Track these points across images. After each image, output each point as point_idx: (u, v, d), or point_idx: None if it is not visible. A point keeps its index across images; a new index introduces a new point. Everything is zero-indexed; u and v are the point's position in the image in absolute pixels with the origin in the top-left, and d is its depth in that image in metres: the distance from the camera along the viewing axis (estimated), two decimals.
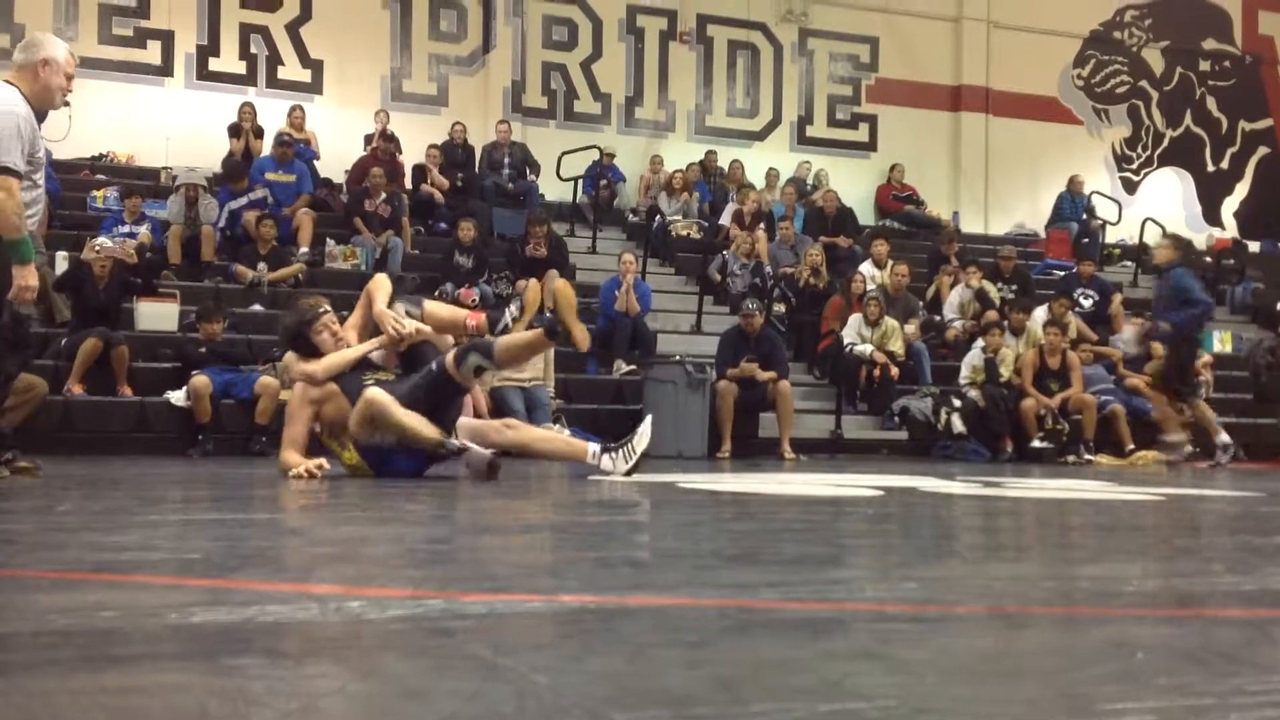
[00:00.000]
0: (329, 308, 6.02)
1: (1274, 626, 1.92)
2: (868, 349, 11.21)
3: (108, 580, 2.17)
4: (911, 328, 11.70)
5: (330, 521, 3.73)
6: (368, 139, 13.99)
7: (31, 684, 1.30)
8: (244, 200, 11.81)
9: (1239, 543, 3.34)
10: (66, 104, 5.42)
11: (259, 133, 13.60)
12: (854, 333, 11.36)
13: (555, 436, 6.15)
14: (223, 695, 1.24)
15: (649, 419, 5.99)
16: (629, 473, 5.64)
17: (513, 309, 6.32)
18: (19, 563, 2.43)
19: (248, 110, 13.67)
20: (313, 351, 5.84)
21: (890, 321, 11.33)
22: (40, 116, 5.22)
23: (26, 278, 5.08)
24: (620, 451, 5.70)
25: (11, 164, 4.95)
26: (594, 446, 5.78)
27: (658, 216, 14.27)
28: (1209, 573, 2.57)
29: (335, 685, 1.31)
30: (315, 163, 13.48)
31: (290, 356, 5.97)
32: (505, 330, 6.24)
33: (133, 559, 2.49)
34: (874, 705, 1.23)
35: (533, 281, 6.84)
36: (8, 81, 5.14)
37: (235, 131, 13.52)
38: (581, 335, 5.93)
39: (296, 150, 12.99)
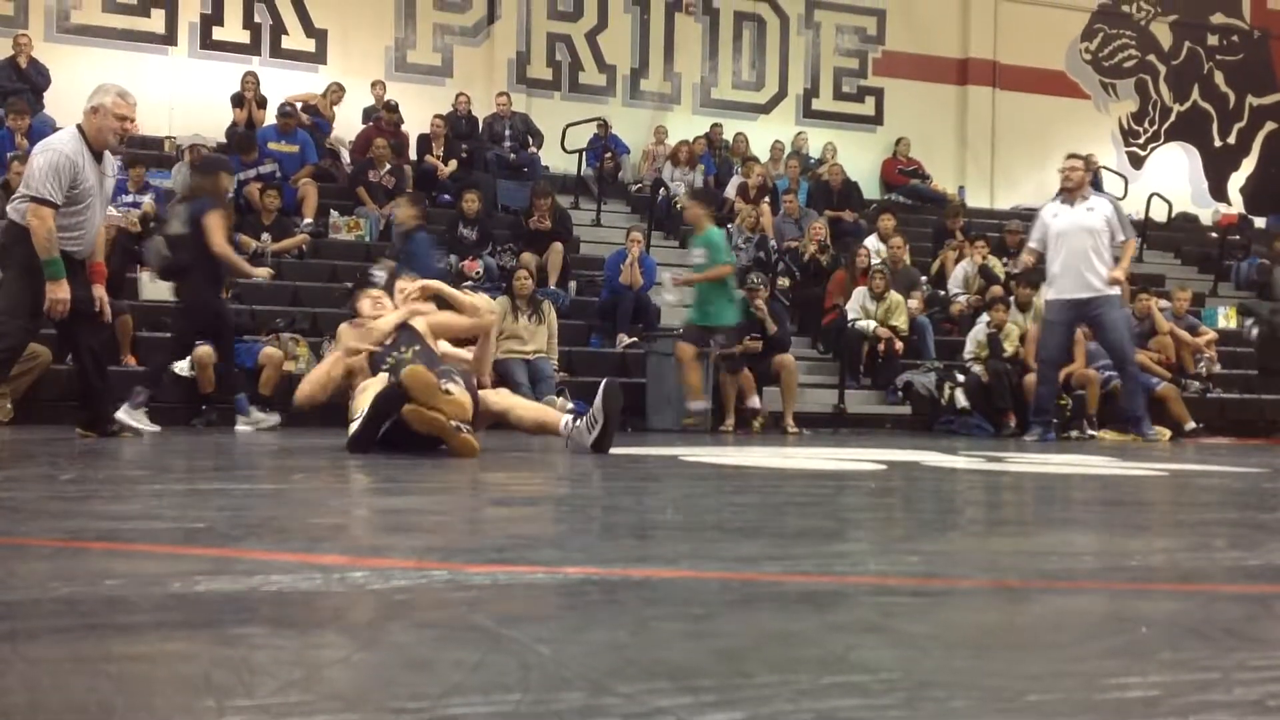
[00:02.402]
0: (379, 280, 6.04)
1: (1277, 601, 1.92)
2: (871, 325, 11.19)
3: (111, 549, 2.17)
4: (915, 302, 11.69)
5: (334, 492, 3.73)
6: (367, 112, 13.93)
7: (35, 652, 1.30)
8: (253, 172, 11.80)
9: (1242, 518, 3.34)
10: (123, 142, 6.39)
11: (262, 102, 13.57)
12: (858, 307, 11.35)
13: (535, 405, 6.10)
14: (227, 664, 1.24)
15: (604, 384, 5.59)
16: (596, 445, 5.45)
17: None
18: (23, 531, 2.44)
19: (250, 80, 13.62)
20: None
21: (894, 296, 11.33)
22: (98, 154, 6.11)
23: (56, 292, 5.92)
24: (584, 420, 5.56)
25: (46, 195, 5.85)
26: (567, 418, 5.72)
27: (662, 189, 14.24)
28: (1212, 547, 2.57)
29: (339, 655, 1.32)
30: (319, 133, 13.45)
31: (344, 328, 5.97)
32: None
33: (137, 528, 2.49)
34: (877, 678, 1.23)
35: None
36: (77, 124, 6.14)
37: (238, 101, 13.48)
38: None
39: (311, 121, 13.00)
